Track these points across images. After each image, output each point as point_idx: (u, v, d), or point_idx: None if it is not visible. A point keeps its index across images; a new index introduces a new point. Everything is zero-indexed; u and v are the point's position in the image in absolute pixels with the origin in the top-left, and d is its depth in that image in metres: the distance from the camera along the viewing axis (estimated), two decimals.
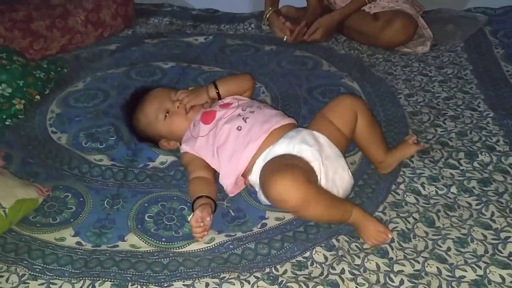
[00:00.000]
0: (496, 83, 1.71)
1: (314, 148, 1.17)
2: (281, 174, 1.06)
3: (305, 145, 1.18)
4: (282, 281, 1.02)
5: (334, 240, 1.12)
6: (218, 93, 1.40)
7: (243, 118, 1.28)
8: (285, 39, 2.04)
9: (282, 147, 1.20)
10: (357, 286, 1.01)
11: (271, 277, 1.03)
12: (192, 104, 1.38)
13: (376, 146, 1.31)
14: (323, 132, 1.24)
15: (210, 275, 1.05)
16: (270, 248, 1.12)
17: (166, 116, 1.39)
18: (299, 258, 1.08)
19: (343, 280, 1.02)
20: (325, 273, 1.05)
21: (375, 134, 1.31)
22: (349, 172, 1.21)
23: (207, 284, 1.03)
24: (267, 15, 2.10)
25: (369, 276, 1.03)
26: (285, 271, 1.05)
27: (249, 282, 1.02)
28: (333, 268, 1.05)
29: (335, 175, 1.18)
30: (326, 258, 1.08)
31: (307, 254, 1.09)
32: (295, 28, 2.01)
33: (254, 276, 1.03)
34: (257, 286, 1.01)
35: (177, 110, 1.38)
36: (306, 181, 1.06)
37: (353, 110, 1.27)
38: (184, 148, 1.35)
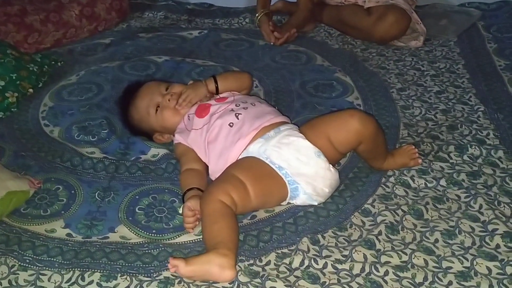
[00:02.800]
0: (488, 78, 1.72)
1: (284, 154, 1.17)
2: (207, 188, 1.17)
3: (275, 152, 1.18)
4: (264, 274, 1.03)
5: (320, 236, 1.13)
6: (217, 87, 1.41)
7: (235, 114, 1.28)
8: (271, 43, 2.03)
9: (255, 148, 1.21)
10: (339, 278, 1.02)
11: (253, 270, 1.04)
12: (194, 102, 1.38)
13: (374, 160, 1.29)
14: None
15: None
16: (259, 240, 1.12)
17: (157, 110, 1.39)
18: (285, 250, 1.09)
19: (324, 274, 1.03)
20: (308, 263, 1.06)
21: (376, 154, 1.27)
22: (331, 168, 1.19)
23: None
24: (259, 17, 2.10)
25: (353, 266, 1.04)
26: (268, 262, 1.06)
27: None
28: (316, 262, 1.06)
29: (316, 177, 1.17)
30: (310, 249, 1.09)
31: (293, 247, 1.10)
32: (282, 35, 2.01)
33: (237, 266, 1.04)
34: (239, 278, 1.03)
35: (168, 104, 1.38)
36: (211, 200, 1.09)
37: (359, 138, 1.19)
38: (178, 139, 1.35)
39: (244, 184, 1.13)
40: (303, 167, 1.17)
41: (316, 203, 1.20)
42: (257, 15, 2.10)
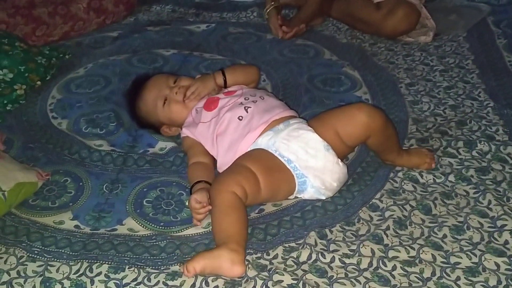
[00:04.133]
0: (497, 73, 1.71)
1: (293, 147, 1.17)
2: (218, 177, 1.16)
3: (284, 145, 1.18)
4: (271, 267, 1.03)
5: (327, 230, 1.13)
6: (225, 81, 1.40)
7: (245, 108, 1.28)
8: (279, 37, 2.02)
9: (264, 141, 1.21)
10: (347, 272, 1.02)
11: (260, 263, 1.04)
12: (202, 95, 1.38)
13: (386, 154, 1.29)
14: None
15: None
16: (266, 234, 1.13)
17: (164, 103, 1.39)
18: (292, 244, 1.09)
19: (331, 268, 1.03)
20: (315, 257, 1.06)
21: (387, 147, 1.26)
22: (339, 162, 1.19)
23: None
24: (267, 10, 2.09)
25: (361, 261, 1.04)
26: (276, 256, 1.06)
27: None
28: (324, 256, 1.06)
29: (324, 170, 1.17)
30: (318, 244, 1.09)
31: (301, 241, 1.10)
32: (291, 29, 2.00)
33: (246, 260, 1.04)
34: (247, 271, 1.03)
35: (175, 97, 1.38)
36: (224, 191, 1.09)
37: (367, 132, 1.18)
38: (185, 132, 1.35)
39: (255, 175, 1.13)
40: (311, 160, 1.17)
41: (324, 197, 1.20)
42: (266, 8, 2.09)
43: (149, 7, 2.35)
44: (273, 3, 2.08)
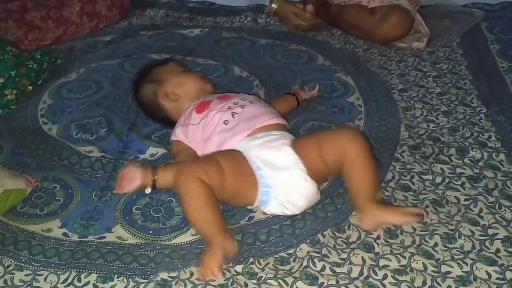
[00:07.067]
0: (490, 79, 1.70)
1: (264, 154, 1.17)
2: (184, 163, 1.18)
3: (257, 151, 1.18)
4: (262, 276, 1.02)
5: (320, 235, 1.12)
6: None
7: (232, 113, 1.29)
8: (304, 24, 2.03)
9: (242, 145, 1.21)
10: (338, 279, 1.01)
11: (250, 270, 1.04)
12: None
13: (358, 192, 1.15)
14: (302, 156, 1.17)
15: (195, 266, 1.06)
16: (255, 239, 1.12)
17: (184, 71, 1.46)
18: (282, 254, 1.08)
19: (322, 275, 1.03)
20: (306, 264, 1.05)
21: (360, 180, 1.14)
22: (308, 179, 1.14)
23: (191, 273, 1.04)
24: (277, 5, 2.09)
25: (352, 269, 1.04)
26: (267, 264, 1.06)
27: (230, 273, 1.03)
28: (314, 264, 1.06)
29: (290, 184, 1.14)
30: (309, 252, 1.09)
31: (291, 250, 1.09)
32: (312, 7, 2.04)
33: (235, 270, 1.04)
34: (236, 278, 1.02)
35: (197, 72, 1.49)
36: (190, 177, 1.09)
37: (345, 148, 1.14)
38: (177, 134, 1.34)
39: (222, 169, 1.13)
40: (279, 171, 1.15)
41: (289, 213, 1.17)
42: (273, 4, 2.10)
43: (143, 12, 2.35)
44: None
